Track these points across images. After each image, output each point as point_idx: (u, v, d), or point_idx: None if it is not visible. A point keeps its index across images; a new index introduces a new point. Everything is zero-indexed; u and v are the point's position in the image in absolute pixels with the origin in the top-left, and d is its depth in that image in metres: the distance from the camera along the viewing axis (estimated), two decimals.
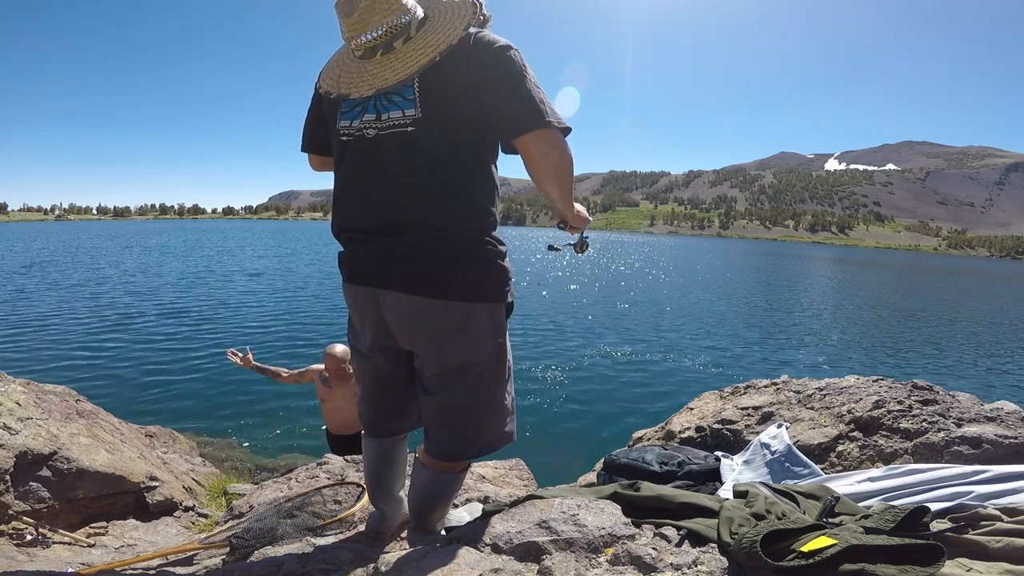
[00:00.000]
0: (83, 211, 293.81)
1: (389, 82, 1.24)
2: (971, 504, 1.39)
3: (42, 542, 2.17)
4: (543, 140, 1.22)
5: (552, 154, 1.23)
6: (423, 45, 1.24)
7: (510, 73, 1.22)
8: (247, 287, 17.91)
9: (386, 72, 1.26)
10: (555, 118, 1.22)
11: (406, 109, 1.25)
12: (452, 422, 1.42)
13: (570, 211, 1.45)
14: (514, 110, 1.22)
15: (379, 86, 1.25)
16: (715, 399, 2.96)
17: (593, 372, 8.78)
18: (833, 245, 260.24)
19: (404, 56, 1.25)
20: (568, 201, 1.40)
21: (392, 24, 1.24)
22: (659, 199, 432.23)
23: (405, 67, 1.24)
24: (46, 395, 3.07)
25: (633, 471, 2.05)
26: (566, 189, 1.33)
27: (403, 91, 1.25)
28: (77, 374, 7.65)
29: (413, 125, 1.24)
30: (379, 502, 1.74)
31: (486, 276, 1.34)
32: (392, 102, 1.26)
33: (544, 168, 1.26)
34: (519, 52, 1.25)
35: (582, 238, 1.68)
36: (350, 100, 1.32)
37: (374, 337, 1.44)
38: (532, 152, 1.23)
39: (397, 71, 1.24)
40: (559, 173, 1.27)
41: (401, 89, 1.25)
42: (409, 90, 1.25)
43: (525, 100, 1.21)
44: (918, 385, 2.37)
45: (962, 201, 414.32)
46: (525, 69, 1.24)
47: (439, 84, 1.23)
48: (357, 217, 1.36)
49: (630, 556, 1.15)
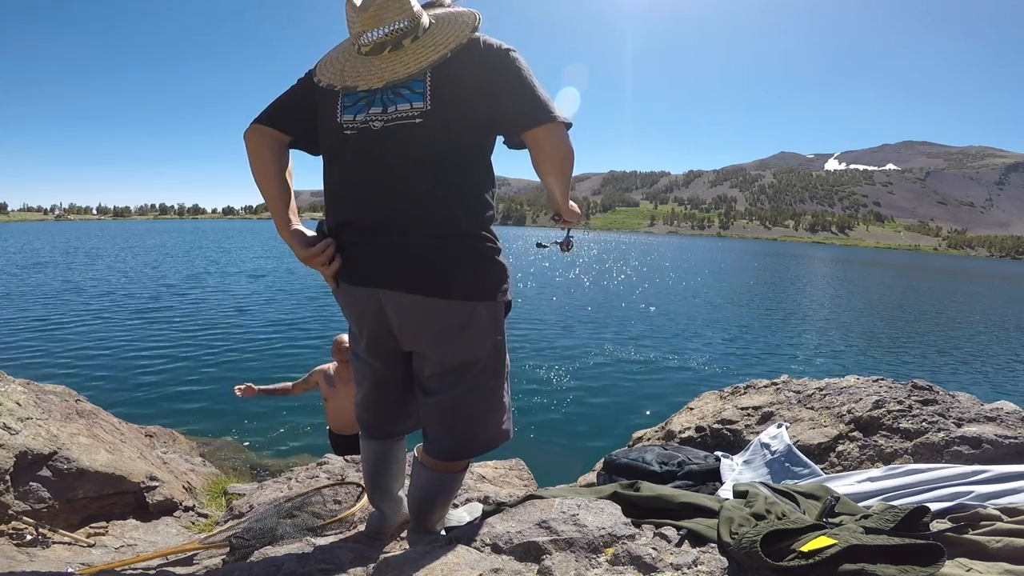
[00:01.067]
0: (83, 211, 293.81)
1: (400, 75, 1.26)
2: (971, 504, 1.39)
3: (42, 542, 2.17)
4: (553, 133, 1.27)
5: (560, 146, 1.30)
6: (433, 43, 1.27)
7: (518, 74, 1.27)
8: (247, 287, 17.92)
9: (396, 66, 1.27)
10: (561, 114, 1.28)
11: (415, 102, 1.25)
12: (452, 421, 1.42)
13: (565, 204, 1.54)
14: (524, 107, 1.26)
15: (390, 79, 1.26)
16: (715, 399, 2.96)
17: (593, 372, 8.78)
18: (833, 245, 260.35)
19: (415, 52, 1.27)
20: (566, 194, 1.50)
21: (404, 23, 1.28)
22: (659, 199, 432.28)
23: (416, 62, 1.26)
24: (46, 395, 3.06)
25: (633, 471, 2.05)
26: (566, 182, 1.43)
27: (413, 84, 1.26)
28: (77, 374, 7.65)
29: (421, 118, 1.25)
30: (378, 502, 1.74)
31: (487, 274, 1.34)
32: (400, 95, 1.27)
33: (553, 158, 1.32)
34: (518, 52, 1.30)
35: (568, 236, 1.78)
36: (355, 93, 1.31)
37: (373, 339, 1.44)
38: (543, 144, 1.28)
39: (408, 65, 1.26)
40: (564, 165, 1.34)
41: (411, 83, 1.26)
42: (420, 84, 1.26)
43: (534, 97, 1.26)
44: (918, 385, 2.37)
45: (962, 201, 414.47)
46: (529, 70, 1.29)
47: (450, 82, 1.26)
48: (358, 212, 1.32)
49: (630, 556, 1.16)
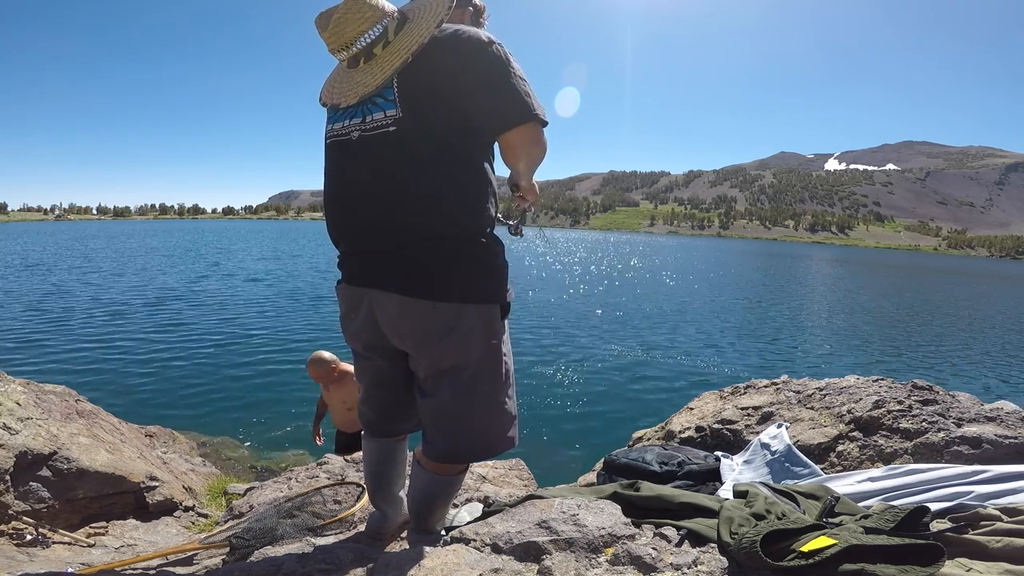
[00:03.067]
0: (83, 211, 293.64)
1: (370, 88, 1.28)
2: (971, 504, 1.39)
3: (42, 542, 2.17)
4: (527, 138, 1.30)
5: (533, 152, 1.35)
6: (399, 48, 1.27)
7: (492, 69, 1.25)
8: (248, 287, 17.92)
9: (367, 78, 1.29)
10: (540, 111, 1.28)
11: (388, 110, 1.27)
12: (445, 425, 1.41)
13: (528, 181, 1.53)
14: (499, 104, 1.25)
15: (362, 93, 1.29)
16: (715, 399, 2.96)
17: (593, 372, 8.78)
18: (833, 245, 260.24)
19: (382, 61, 1.28)
20: (530, 175, 1.50)
21: (370, 36, 1.28)
22: (659, 199, 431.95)
23: (382, 71, 1.27)
24: (46, 395, 3.07)
25: (633, 471, 2.05)
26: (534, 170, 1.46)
27: (385, 92, 1.28)
28: (77, 374, 7.65)
29: (395, 125, 1.26)
30: (379, 502, 1.74)
31: (478, 276, 1.33)
32: (376, 104, 1.29)
33: (522, 160, 1.38)
34: (502, 46, 1.27)
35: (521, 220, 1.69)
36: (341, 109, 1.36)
37: (368, 337, 1.45)
38: (516, 148, 1.32)
39: (376, 76, 1.28)
40: (536, 162, 1.40)
41: (383, 91, 1.28)
42: (390, 91, 1.27)
43: (510, 94, 1.25)
44: (918, 385, 2.37)
45: (962, 201, 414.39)
46: (509, 64, 1.26)
47: (418, 83, 1.26)
48: (345, 218, 1.39)
49: (630, 556, 1.15)
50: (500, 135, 1.29)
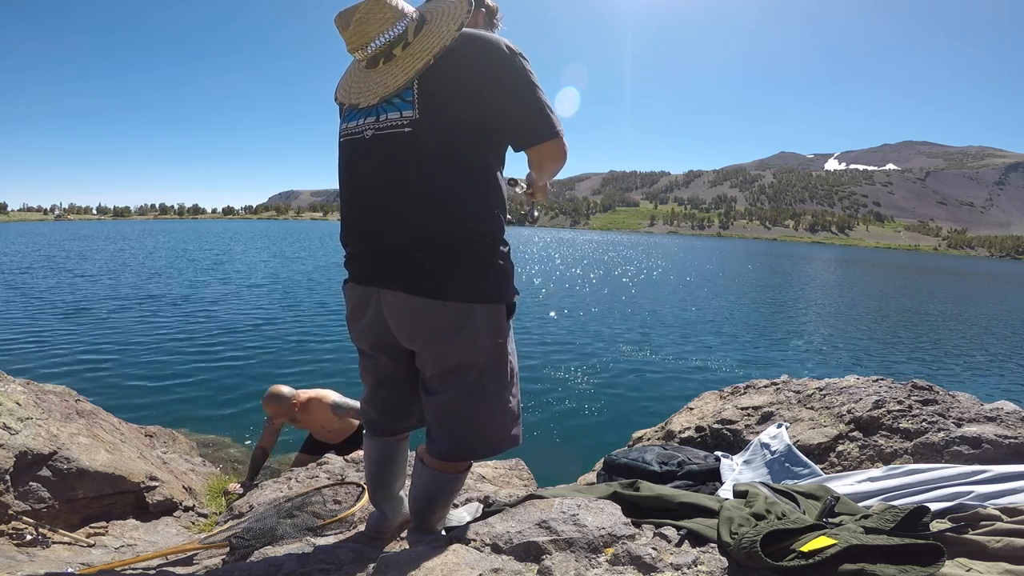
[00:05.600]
0: (83, 211, 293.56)
1: (390, 89, 1.28)
2: (971, 504, 1.39)
3: (42, 542, 2.17)
4: (555, 151, 1.35)
5: (559, 163, 1.41)
6: (420, 49, 1.27)
7: (520, 80, 1.27)
8: (248, 288, 17.92)
9: (387, 79, 1.30)
10: (560, 125, 1.32)
11: (404, 111, 1.28)
12: (452, 423, 1.42)
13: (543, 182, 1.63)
14: (529, 120, 1.29)
15: (382, 94, 1.29)
16: (715, 399, 2.96)
17: (593, 372, 8.78)
18: (833, 245, 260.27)
19: (403, 62, 1.29)
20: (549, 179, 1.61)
21: (390, 35, 1.28)
22: (659, 199, 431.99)
23: (404, 72, 1.28)
24: (46, 395, 3.06)
25: (633, 471, 2.05)
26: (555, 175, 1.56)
27: (404, 94, 1.29)
28: (77, 374, 7.64)
29: (410, 126, 1.27)
30: (379, 502, 1.74)
31: (485, 276, 1.34)
32: (392, 104, 1.30)
33: (551, 168, 1.45)
34: (524, 57, 1.29)
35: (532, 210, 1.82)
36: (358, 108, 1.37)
37: (376, 336, 1.45)
38: (544, 160, 1.39)
39: (397, 77, 1.28)
40: (557, 172, 1.49)
41: (402, 92, 1.29)
42: (409, 92, 1.28)
43: (539, 111, 1.29)
44: (918, 385, 2.37)
45: (962, 201, 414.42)
46: (532, 76, 1.29)
47: (439, 86, 1.27)
48: (354, 216, 1.39)
49: (630, 556, 1.16)
50: (528, 149, 1.35)
